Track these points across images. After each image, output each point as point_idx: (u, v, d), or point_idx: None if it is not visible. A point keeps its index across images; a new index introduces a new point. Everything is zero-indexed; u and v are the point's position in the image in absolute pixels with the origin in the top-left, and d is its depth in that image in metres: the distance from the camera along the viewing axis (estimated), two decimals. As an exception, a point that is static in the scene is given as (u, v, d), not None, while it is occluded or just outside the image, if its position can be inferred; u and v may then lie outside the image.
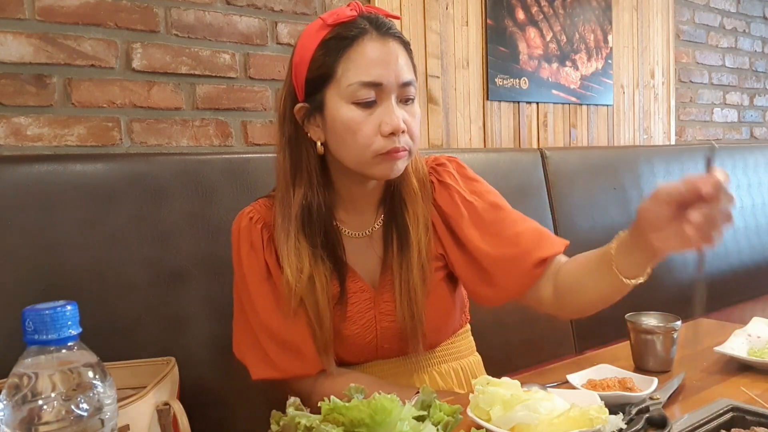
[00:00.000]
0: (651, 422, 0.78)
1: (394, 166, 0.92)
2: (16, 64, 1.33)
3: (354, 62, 0.88)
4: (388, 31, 0.91)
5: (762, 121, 3.40)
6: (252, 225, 0.99)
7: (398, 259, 0.98)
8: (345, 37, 0.89)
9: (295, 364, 0.96)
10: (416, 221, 0.98)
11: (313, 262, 0.94)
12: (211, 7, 1.57)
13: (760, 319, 1.15)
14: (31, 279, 1.10)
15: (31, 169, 1.14)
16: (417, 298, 0.97)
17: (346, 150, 0.92)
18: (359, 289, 1.00)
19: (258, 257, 0.98)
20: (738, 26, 3.18)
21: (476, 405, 0.77)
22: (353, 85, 0.88)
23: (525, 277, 0.97)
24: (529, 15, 2.25)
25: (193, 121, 1.56)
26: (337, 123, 0.90)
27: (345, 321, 0.99)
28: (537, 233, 1.00)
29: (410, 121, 0.92)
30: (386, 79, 0.89)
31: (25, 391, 0.53)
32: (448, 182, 1.03)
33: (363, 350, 1.02)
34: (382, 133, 0.89)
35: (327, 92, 0.91)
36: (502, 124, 2.21)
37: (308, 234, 0.95)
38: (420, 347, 1.00)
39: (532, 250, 0.97)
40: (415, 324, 0.97)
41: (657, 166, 2.18)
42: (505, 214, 1.02)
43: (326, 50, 0.90)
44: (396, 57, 0.90)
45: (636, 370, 1.00)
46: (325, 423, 0.66)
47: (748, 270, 2.40)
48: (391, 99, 0.90)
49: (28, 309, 0.55)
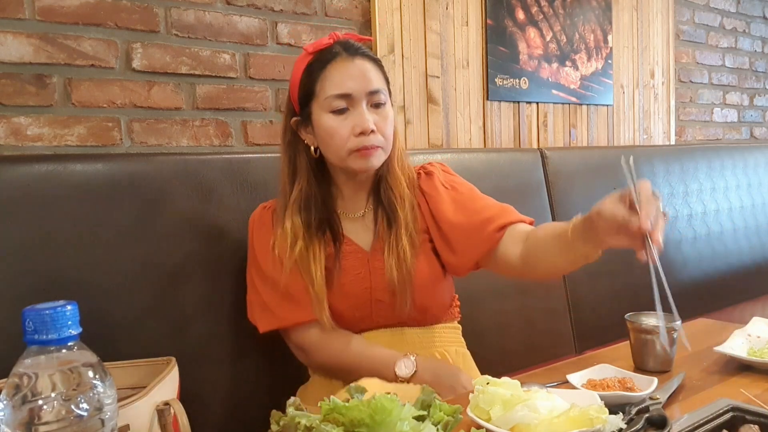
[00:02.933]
0: (651, 422, 0.78)
1: (368, 161, 1.09)
2: (16, 64, 1.33)
3: (329, 80, 1.08)
4: (356, 51, 1.10)
5: (762, 121, 3.40)
6: (265, 211, 1.19)
7: (387, 231, 1.14)
8: (322, 60, 1.09)
9: (294, 312, 1.12)
10: (402, 202, 1.15)
11: (307, 237, 1.11)
12: (211, 7, 1.57)
13: (760, 319, 1.15)
14: (31, 279, 1.10)
15: (31, 169, 1.14)
16: (405, 257, 1.11)
17: (329, 150, 1.11)
18: (353, 251, 1.16)
19: (267, 232, 1.16)
20: (738, 26, 3.18)
21: (476, 405, 0.77)
22: (329, 97, 1.08)
23: (484, 241, 1.12)
24: (529, 15, 2.25)
25: (193, 121, 1.56)
26: (320, 129, 1.10)
27: (339, 272, 1.13)
28: (501, 207, 1.16)
29: (380, 122, 1.10)
30: (354, 89, 1.08)
31: (25, 391, 0.53)
32: (432, 172, 1.22)
33: (358, 301, 1.14)
34: (354, 133, 1.08)
35: (312, 106, 1.11)
36: (502, 124, 2.21)
37: (304, 217, 1.12)
38: (409, 303, 1.12)
39: (493, 219, 1.12)
40: (403, 276, 1.11)
41: (657, 166, 2.18)
42: (475, 194, 1.20)
43: (308, 73, 1.10)
44: (363, 71, 1.09)
45: (636, 370, 1.00)
46: (325, 423, 0.66)
47: (748, 270, 2.40)
48: (362, 105, 1.09)
49: (28, 309, 0.55)
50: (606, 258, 1.98)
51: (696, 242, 2.24)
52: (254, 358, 1.30)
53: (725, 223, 2.37)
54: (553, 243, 1.01)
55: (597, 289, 1.87)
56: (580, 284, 1.84)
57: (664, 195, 2.16)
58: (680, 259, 2.15)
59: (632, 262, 0.84)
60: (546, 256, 1.04)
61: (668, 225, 2.12)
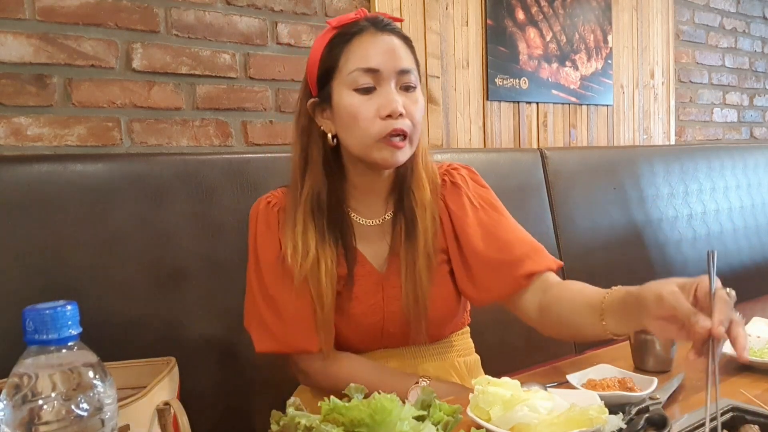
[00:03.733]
0: (651, 422, 0.78)
1: (394, 154, 0.96)
2: (16, 65, 1.33)
3: (354, 53, 0.96)
4: (386, 27, 0.98)
5: (762, 121, 3.40)
6: (269, 208, 1.05)
7: (405, 246, 1.02)
8: (347, 33, 0.97)
9: (296, 339, 1.00)
10: (423, 211, 1.03)
11: (320, 246, 0.99)
12: (211, 7, 1.57)
13: (760, 319, 1.15)
14: (31, 279, 1.10)
15: (31, 169, 1.14)
16: (422, 284, 1.01)
17: (351, 135, 0.97)
18: (366, 273, 1.04)
19: (272, 237, 1.03)
20: (738, 26, 3.18)
21: (476, 405, 0.77)
22: (354, 72, 0.95)
23: (509, 284, 1.01)
24: (528, 15, 2.25)
25: (193, 121, 1.56)
26: (341, 110, 0.97)
27: (351, 301, 1.02)
28: (532, 246, 1.04)
29: (410, 106, 0.97)
30: (383, 65, 0.95)
31: (26, 391, 0.53)
32: (459, 183, 1.08)
33: (368, 332, 1.04)
34: (380, 115, 0.95)
35: (333, 84, 0.97)
36: (502, 124, 2.21)
37: (317, 220, 1.00)
38: (423, 335, 1.03)
39: (523, 260, 1.01)
40: (419, 309, 1.01)
41: (657, 166, 2.18)
42: (506, 222, 1.07)
43: (331, 46, 0.98)
44: (393, 47, 0.97)
45: (636, 370, 1.00)
46: (325, 423, 0.66)
47: (748, 270, 2.40)
48: (390, 85, 0.96)
49: (29, 309, 0.55)
50: (606, 257, 1.98)
51: (696, 242, 2.24)
52: (254, 357, 1.30)
53: (725, 223, 2.37)
54: (579, 308, 0.92)
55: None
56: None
57: (663, 195, 2.16)
58: (680, 259, 2.15)
59: (632, 262, 0.83)
60: (566, 320, 0.95)
61: (668, 225, 2.13)
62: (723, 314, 0.69)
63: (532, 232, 1.08)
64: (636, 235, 2.02)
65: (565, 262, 1.84)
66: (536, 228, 1.74)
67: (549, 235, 1.79)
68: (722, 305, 0.70)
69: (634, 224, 2.02)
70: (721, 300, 0.70)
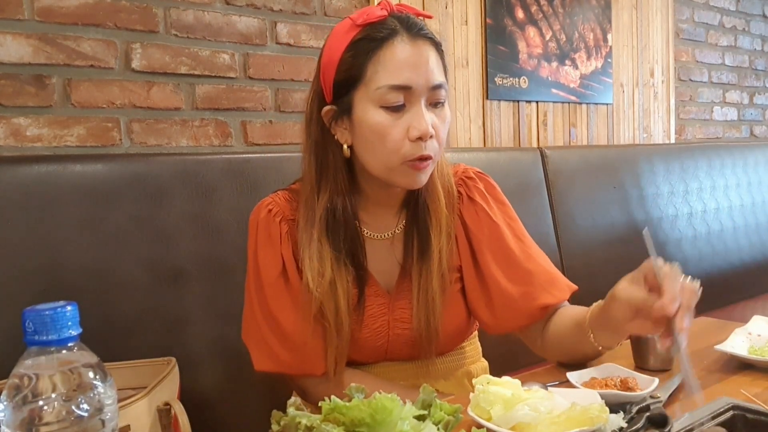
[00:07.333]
0: (651, 421, 0.78)
1: (418, 177, 0.90)
2: (15, 65, 1.33)
3: (383, 64, 0.86)
4: (419, 32, 0.88)
5: (762, 119, 3.40)
6: (271, 218, 0.97)
7: (418, 266, 0.96)
8: (375, 38, 0.87)
9: (300, 363, 0.95)
10: (438, 228, 0.96)
11: (335, 267, 0.92)
12: (211, 7, 1.57)
13: (761, 317, 1.15)
14: (31, 279, 1.10)
15: (31, 170, 1.14)
16: (435, 308, 0.95)
17: (373, 155, 0.90)
18: (374, 294, 0.98)
19: (275, 251, 0.96)
20: (737, 24, 3.18)
21: (477, 404, 0.77)
22: (382, 88, 0.86)
23: (525, 317, 0.99)
24: (528, 14, 2.24)
25: (193, 121, 1.56)
26: (364, 127, 0.88)
27: (359, 324, 0.97)
28: (549, 276, 1.01)
29: (439, 126, 0.90)
30: (416, 82, 0.86)
31: (26, 392, 0.53)
32: (477, 200, 1.02)
33: (372, 353, 1.01)
34: (410, 137, 0.87)
35: (355, 95, 0.88)
36: (501, 124, 2.21)
37: (332, 238, 0.93)
38: (432, 355, 1.00)
39: (540, 293, 0.98)
40: (431, 333, 0.96)
41: (657, 164, 2.18)
42: (525, 247, 1.02)
43: (355, 52, 0.87)
44: (426, 59, 0.88)
45: (636, 369, 1.00)
46: (326, 423, 0.66)
47: (748, 268, 2.40)
48: (421, 103, 0.88)
49: (28, 309, 0.55)
50: (606, 257, 1.98)
51: (696, 241, 2.24)
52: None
53: (725, 221, 2.37)
54: (571, 329, 0.92)
55: (597, 288, 1.87)
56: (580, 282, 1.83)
57: (663, 194, 2.16)
58: (680, 257, 2.15)
59: (633, 261, 0.83)
60: (564, 342, 0.95)
61: (668, 224, 2.13)
62: (672, 289, 0.72)
63: (532, 231, 1.08)
64: (636, 233, 2.00)
65: (565, 262, 1.85)
66: (536, 227, 1.74)
67: (549, 235, 1.79)
68: (669, 281, 0.72)
69: (634, 223, 2.02)
70: (667, 277, 0.73)
